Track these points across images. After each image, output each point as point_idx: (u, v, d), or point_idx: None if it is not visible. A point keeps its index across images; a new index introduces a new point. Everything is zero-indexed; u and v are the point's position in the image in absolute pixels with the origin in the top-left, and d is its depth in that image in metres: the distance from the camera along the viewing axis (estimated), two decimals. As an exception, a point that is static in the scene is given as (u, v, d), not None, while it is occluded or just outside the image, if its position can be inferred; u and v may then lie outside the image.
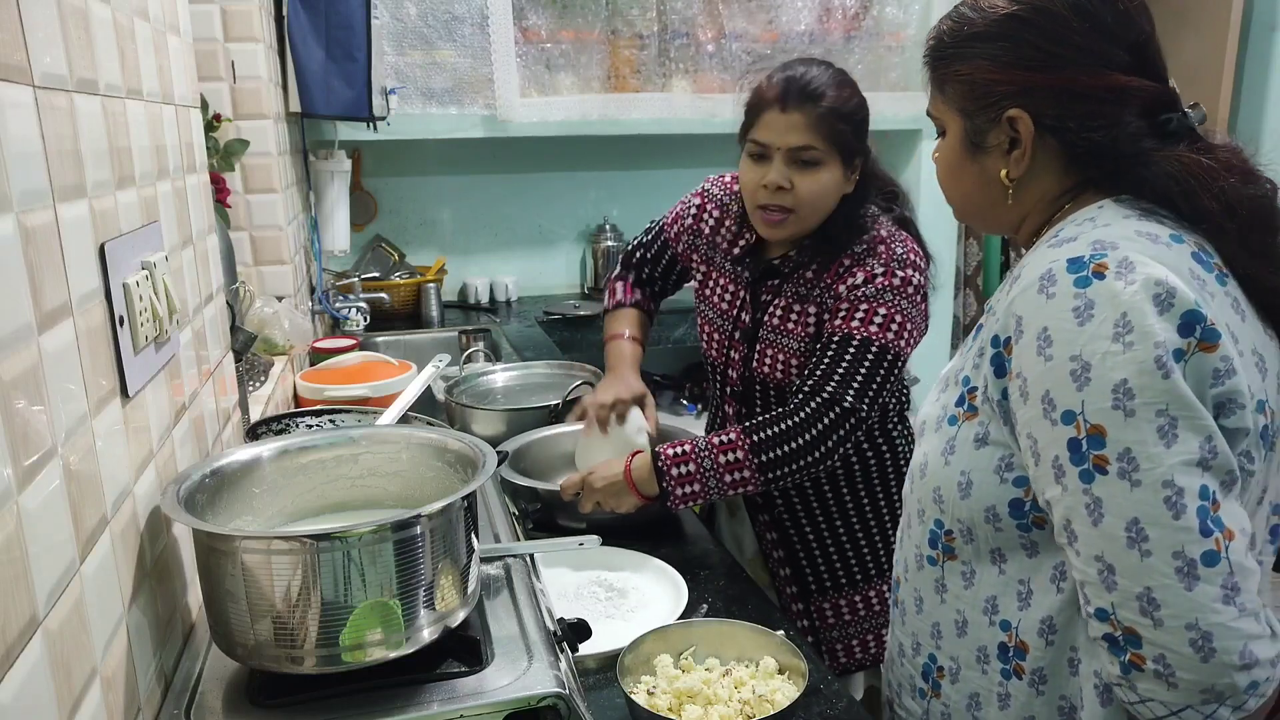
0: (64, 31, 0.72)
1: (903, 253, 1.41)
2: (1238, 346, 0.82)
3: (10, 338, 0.58)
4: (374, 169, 3.37)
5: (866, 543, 1.57)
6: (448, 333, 3.01)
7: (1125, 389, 0.79)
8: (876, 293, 1.38)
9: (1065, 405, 0.81)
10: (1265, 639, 0.79)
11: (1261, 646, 0.78)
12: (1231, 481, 0.80)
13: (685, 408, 3.50)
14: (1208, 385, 0.80)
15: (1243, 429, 0.82)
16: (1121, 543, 0.79)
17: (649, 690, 1.06)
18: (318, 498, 0.99)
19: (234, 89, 2.03)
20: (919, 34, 3.37)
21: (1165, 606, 0.77)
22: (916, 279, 1.41)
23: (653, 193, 3.66)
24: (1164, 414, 0.78)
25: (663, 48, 3.23)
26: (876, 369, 1.36)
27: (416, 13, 2.99)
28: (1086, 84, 0.88)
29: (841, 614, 1.58)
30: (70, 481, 0.66)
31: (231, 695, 0.82)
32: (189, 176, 1.12)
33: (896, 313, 1.38)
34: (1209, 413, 0.79)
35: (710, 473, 1.37)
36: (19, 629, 0.56)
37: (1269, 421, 0.85)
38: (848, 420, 1.36)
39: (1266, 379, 0.86)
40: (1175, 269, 0.82)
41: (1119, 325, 0.79)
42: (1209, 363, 0.79)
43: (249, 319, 1.86)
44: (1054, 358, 0.82)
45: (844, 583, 1.58)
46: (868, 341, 1.36)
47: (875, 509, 1.57)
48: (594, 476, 1.43)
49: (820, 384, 1.36)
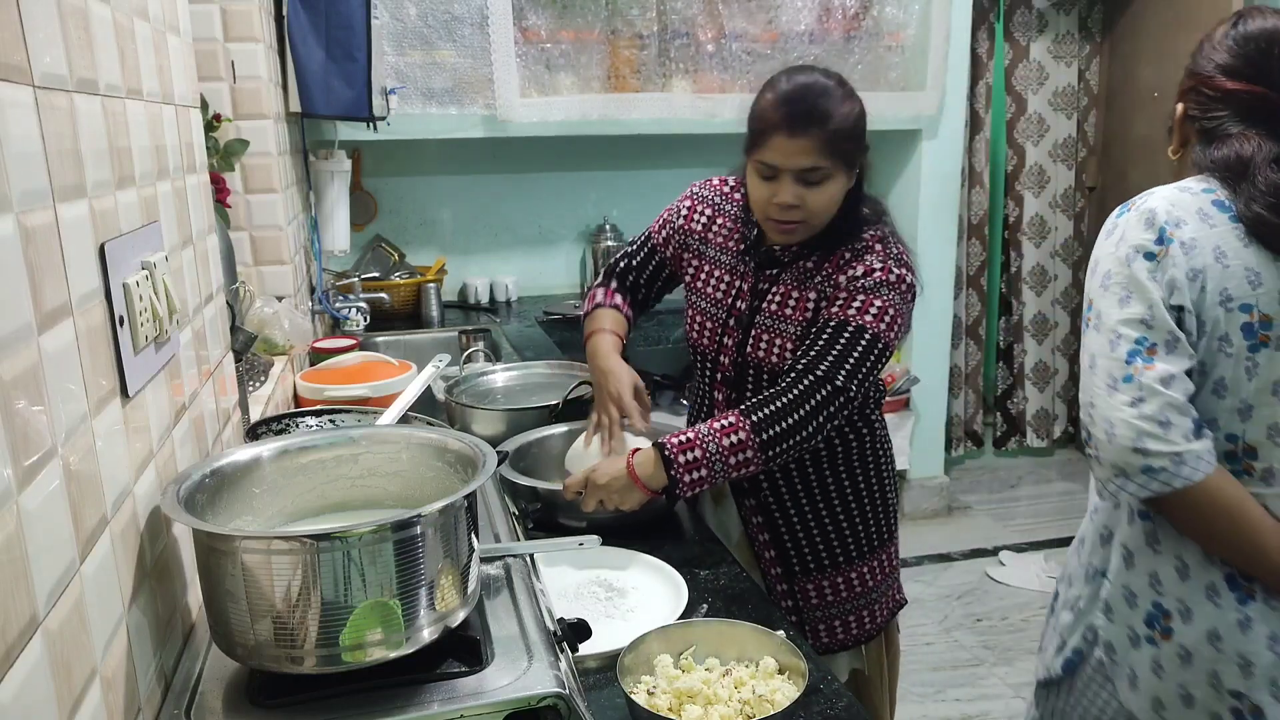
0: (64, 31, 0.72)
1: (899, 253, 1.50)
2: (1225, 261, 1.14)
3: (10, 338, 0.58)
4: (374, 169, 3.38)
5: (848, 524, 1.62)
6: (448, 333, 3.01)
7: (1107, 274, 1.18)
8: (875, 285, 1.45)
9: (1087, 291, 1.22)
10: (1159, 438, 1.10)
11: (1154, 442, 1.09)
12: (1174, 341, 1.12)
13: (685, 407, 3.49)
14: (1184, 273, 1.13)
15: (1212, 317, 1.14)
16: (1086, 369, 1.18)
17: (649, 690, 1.06)
18: (318, 498, 0.99)
19: (234, 89, 2.03)
20: (919, 34, 3.37)
21: (1095, 408, 1.15)
22: (909, 279, 1.48)
23: (653, 193, 3.66)
24: (1123, 288, 1.16)
25: (663, 48, 3.23)
26: (867, 355, 1.43)
27: (416, 13, 2.99)
28: (1210, 86, 1.21)
29: (824, 594, 1.62)
30: (70, 481, 0.66)
31: (231, 695, 0.82)
32: (189, 176, 1.12)
33: (890, 306, 1.45)
34: (1163, 293, 1.13)
35: (716, 456, 1.40)
36: (19, 629, 0.56)
37: (1254, 321, 1.14)
38: (837, 398, 1.42)
39: (1259, 289, 1.13)
40: (1179, 205, 1.17)
41: (1115, 236, 1.19)
42: (1180, 262, 1.14)
43: (249, 319, 1.86)
44: (1091, 260, 1.24)
45: (826, 564, 1.62)
46: (862, 329, 1.43)
47: (855, 491, 1.62)
48: (597, 474, 1.43)
49: (814, 364, 1.43)
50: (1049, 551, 3.56)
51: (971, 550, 3.62)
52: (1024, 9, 3.93)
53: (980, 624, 3.10)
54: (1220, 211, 1.16)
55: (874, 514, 1.65)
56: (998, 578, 3.38)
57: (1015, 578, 3.38)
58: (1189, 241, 1.14)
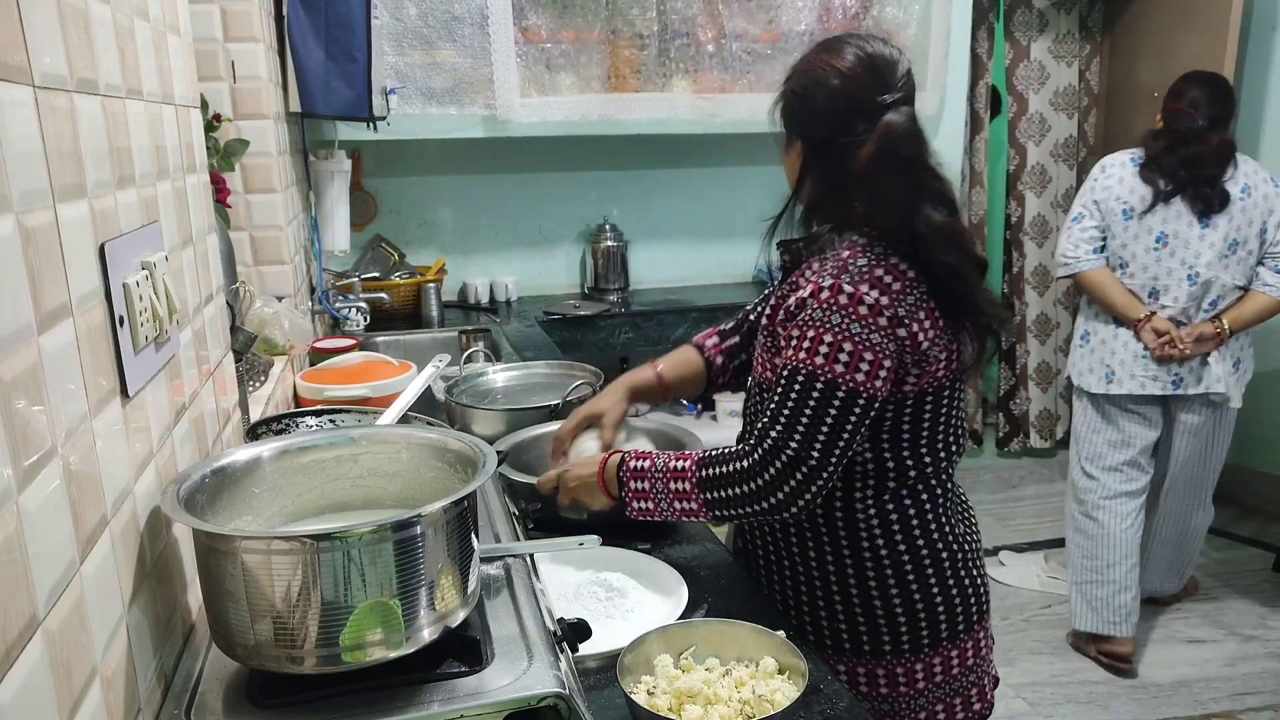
0: (64, 31, 0.72)
1: (864, 265, 1.21)
2: (1121, 183, 2.72)
3: (10, 338, 0.58)
4: (374, 169, 3.37)
5: (843, 606, 1.32)
6: (448, 333, 3.01)
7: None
8: (821, 314, 1.19)
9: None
10: (1073, 252, 2.79)
11: (1070, 253, 2.80)
12: (1091, 214, 2.75)
13: (685, 408, 3.50)
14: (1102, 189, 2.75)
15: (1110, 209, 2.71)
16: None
17: (649, 690, 1.06)
18: (318, 498, 0.99)
19: (234, 89, 2.03)
20: (919, 34, 3.37)
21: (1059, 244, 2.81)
22: (873, 297, 1.18)
23: (653, 193, 3.66)
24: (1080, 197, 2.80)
25: (663, 48, 3.23)
26: (824, 411, 1.17)
27: (416, 13, 2.99)
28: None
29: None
30: (70, 481, 0.66)
31: (231, 695, 0.82)
32: (189, 176, 1.12)
33: (845, 339, 1.17)
34: (1100, 213, 2.73)
35: (662, 495, 1.30)
36: (19, 629, 0.56)
37: (1129, 209, 2.71)
38: (797, 471, 1.19)
39: (1133, 195, 2.70)
40: (1123, 164, 2.73)
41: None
42: (1108, 198, 2.72)
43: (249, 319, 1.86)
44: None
45: (812, 641, 1.35)
46: (812, 376, 1.18)
47: (840, 578, 1.32)
48: (568, 475, 1.41)
49: (766, 429, 1.22)
50: (1049, 551, 3.56)
51: (972, 550, 3.62)
52: (1024, 9, 3.93)
53: (980, 624, 3.10)
54: (1133, 163, 2.71)
55: (887, 606, 1.31)
56: (998, 578, 3.38)
57: (1015, 578, 3.38)
58: (1108, 172, 2.74)
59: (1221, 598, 3.23)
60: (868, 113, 1.26)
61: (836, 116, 1.27)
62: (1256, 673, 2.81)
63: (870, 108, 1.26)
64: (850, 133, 1.26)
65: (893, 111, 1.26)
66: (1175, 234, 2.61)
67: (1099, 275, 2.68)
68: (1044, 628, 3.08)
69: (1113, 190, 2.67)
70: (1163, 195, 2.61)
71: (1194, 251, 2.61)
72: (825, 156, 1.29)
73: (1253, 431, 3.85)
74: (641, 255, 3.64)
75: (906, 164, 1.26)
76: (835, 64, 1.27)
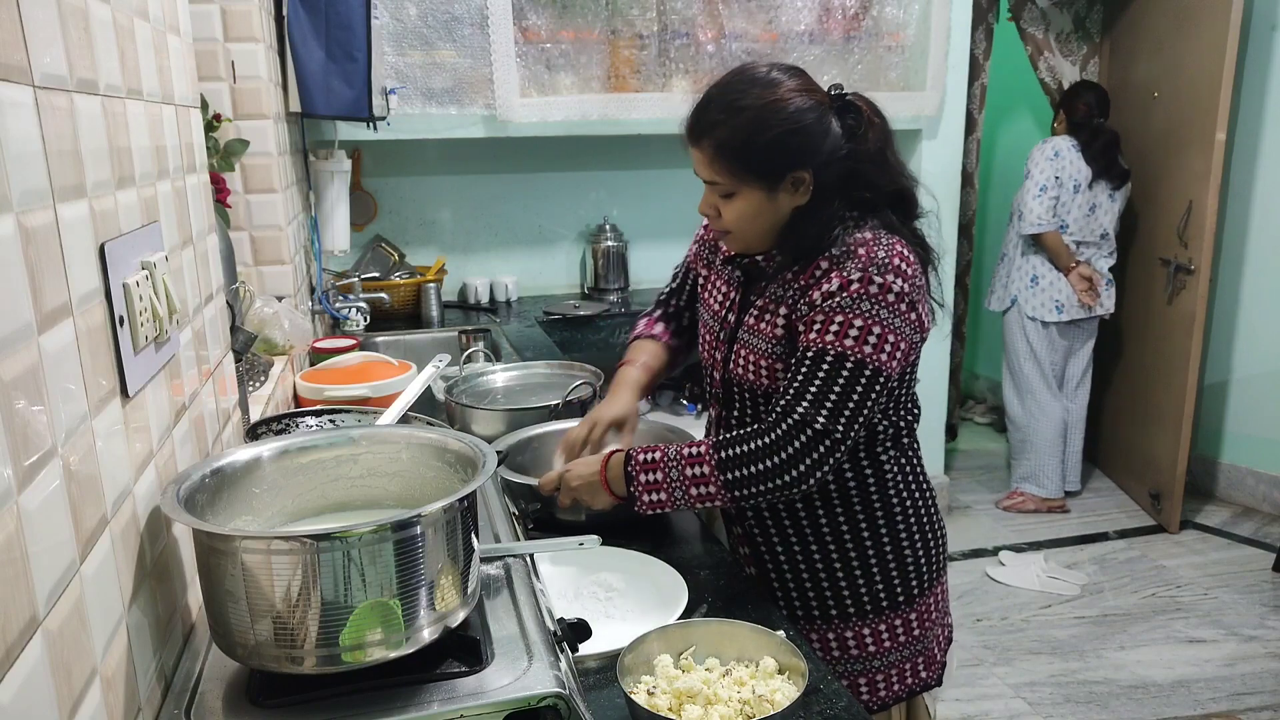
0: (64, 31, 0.72)
1: (884, 257, 1.28)
2: (1069, 165, 3.64)
3: (10, 338, 0.58)
4: (374, 169, 3.38)
5: (845, 576, 1.43)
6: (448, 333, 3.01)
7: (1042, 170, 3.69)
8: (852, 302, 1.26)
9: None
10: (1034, 219, 3.74)
11: (1032, 220, 3.74)
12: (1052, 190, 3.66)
13: (685, 408, 3.50)
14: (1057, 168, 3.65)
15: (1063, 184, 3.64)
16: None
17: (649, 690, 1.06)
18: (318, 498, 0.99)
19: (234, 89, 2.03)
20: (919, 34, 3.36)
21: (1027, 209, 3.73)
22: (900, 285, 1.27)
23: (653, 193, 3.66)
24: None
25: (663, 48, 3.23)
26: (852, 388, 1.26)
27: (416, 13, 2.99)
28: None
29: (813, 646, 1.46)
30: (70, 481, 0.66)
31: (231, 695, 0.82)
32: (189, 176, 1.12)
33: (875, 324, 1.26)
34: (1059, 187, 3.63)
35: (677, 484, 1.33)
36: (19, 629, 0.56)
37: (1076, 185, 3.67)
38: (821, 443, 1.26)
39: (1075, 176, 3.65)
40: (1070, 148, 3.64)
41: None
42: (1065, 176, 3.63)
43: (249, 319, 1.86)
44: None
45: (816, 615, 1.45)
46: (842, 356, 1.26)
47: (857, 540, 1.42)
48: (570, 475, 1.42)
49: (792, 405, 1.27)
50: (1049, 551, 3.56)
51: (971, 550, 3.62)
52: (1030, 6, 3.93)
53: (980, 624, 3.10)
54: (1073, 149, 3.62)
55: (895, 566, 1.44)
56: (997, 578, 3.38)
57: (1015, 578, 3.38)
58: (1062, 156, 3.61)
59: (1221, 598, 3.23)
60: (839, 106, 1.34)
61: (831, 124, 1.32)
62: (1256, 673, 2.81)
63: (836, 99, 1.34)
64: (849, 130, 1.33)
65: (837, 90, 1.36)
66: (1099, 204, 3.66)
67: (1054, 235, 3.63)
68: (1044, 628, 3.08)
69: (1067, 170, 3.60)
70: (1096, 174, 3.62)
71: (1109, 216, 3.69)
72: (839, 165, 1.32)
73: (1251, 432, 3.85)
74: (641, 255, 3.64)
75: (881, 126, 1.38)
76: (784, 88, 1.31)
